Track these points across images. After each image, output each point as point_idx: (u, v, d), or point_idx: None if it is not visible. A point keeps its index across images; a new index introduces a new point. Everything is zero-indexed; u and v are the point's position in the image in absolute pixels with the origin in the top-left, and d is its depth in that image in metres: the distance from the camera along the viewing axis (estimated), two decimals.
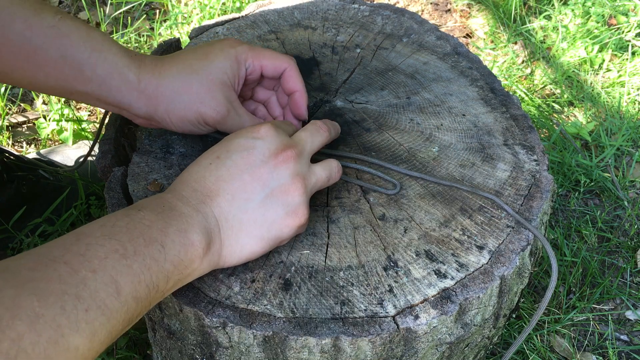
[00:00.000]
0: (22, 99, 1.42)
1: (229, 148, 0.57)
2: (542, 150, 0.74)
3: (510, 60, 1.58)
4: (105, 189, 0.67)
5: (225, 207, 0.55)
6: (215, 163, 0.56)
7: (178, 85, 0.64)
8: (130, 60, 0.64)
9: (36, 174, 1.06)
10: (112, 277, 0.44)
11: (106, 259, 0.45)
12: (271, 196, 0.56)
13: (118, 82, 0.63)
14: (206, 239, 0.53)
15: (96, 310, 0.43)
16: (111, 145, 0.73)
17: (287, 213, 0.57)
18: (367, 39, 0.91)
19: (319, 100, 0.80)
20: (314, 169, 0.60)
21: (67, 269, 0.43)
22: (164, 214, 0.51)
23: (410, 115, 0.78)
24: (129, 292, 0.45)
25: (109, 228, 0.48)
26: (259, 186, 0.55)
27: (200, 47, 0.68)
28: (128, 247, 0.47)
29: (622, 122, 1.40)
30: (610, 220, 1.21)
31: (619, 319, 1.04)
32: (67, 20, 0.62)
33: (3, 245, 1.03)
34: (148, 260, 0.47)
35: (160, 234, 0.49)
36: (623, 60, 1.56)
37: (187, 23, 1.60)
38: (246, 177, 0.55)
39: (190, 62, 0.65)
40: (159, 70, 0.65)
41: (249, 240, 0.56)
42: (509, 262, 0.61)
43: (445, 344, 0.60)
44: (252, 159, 0.56)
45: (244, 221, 0.55)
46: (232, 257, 0.56)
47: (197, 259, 0.52)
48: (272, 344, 0.56)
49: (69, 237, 0.47)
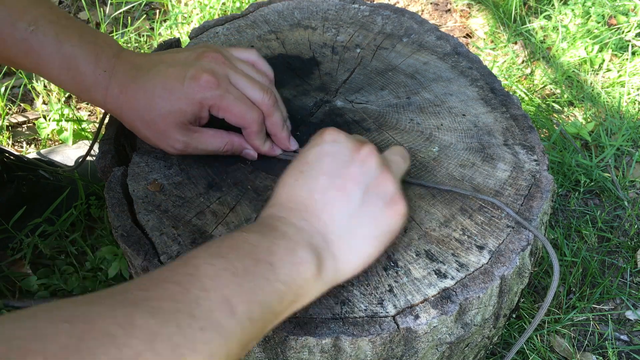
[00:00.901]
0: (22, 99, 1.42)
1: (307, 160, 0.55)
2: (542, 150, 0.74)
3: (510, 60, 1.58)
4: (105, 189, 0.67)
5: (327, 218, 0.53)
6: (302, 178, 0.54)
7: (139, 119, 0.65)
8: (101, 79, 0.64)
9: (36, 174, 1.06)
10: (224, 296, 0.43)
11: (217, 277, 0.44)
12: (367, 192, 0.54)
13: (87, 97, 0.66)
14: (316, 256, 0.50)
15: (212, 330, 0.41)
16: (111, 145, 0.73)
17: (386, 204, 0.55)
18: (367, 39, 0.91)
19: (319, 100, 0.80)
20: (388, 157, 0.60)
21: (179, 289, 0.42)
22: (268, 234, 0.50)
23: (410, 115, 0.78)
24: (243, 312, 0.43)
25: (215, 249, 0.47)
26: (354, 186, 0.54)
27: (171, 74, 0.63)
28: (237, 266, 0.45)
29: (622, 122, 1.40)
30: (610, 220, 1.21)
31: (619, 319, 1.04)
32: (39, 32, 0.63)
33: (3, 245, 1.03)
34: (259, 279, 0.46)
35: (267, 254, 0.48)
36: (623, 60, 1.56)
37: (187, 23, 1.60)
38: (338, 182, 0.54)
39: (154, 92, 0.63)
40: (124, 97, 0.64)
41: (361, 244, 0.54)
42: (509, 262, 0.61)
43: (446, 344, 0.60)
44: (336, 162, 0.54)
45: (351, 226, 0.53)
46: (349, 267, 0.54)
47: (311, 277, 0.50)
48: (272, 343, 0.56)
49: (177, 261, 0.46)
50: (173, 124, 0.64)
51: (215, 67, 0.64)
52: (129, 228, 0.63)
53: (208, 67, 0.63)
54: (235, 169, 0.70)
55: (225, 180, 0.69)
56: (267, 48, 0.88)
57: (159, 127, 0.64)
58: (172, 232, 0.63)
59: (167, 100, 0.63)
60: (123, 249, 0.63)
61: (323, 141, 0.56)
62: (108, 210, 0.65)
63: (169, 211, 0.65)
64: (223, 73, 0.64)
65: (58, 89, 1.41)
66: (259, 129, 0.66)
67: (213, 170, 0.70)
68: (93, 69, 0.64)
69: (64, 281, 1.00)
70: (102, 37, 0.67)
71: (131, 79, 0.64)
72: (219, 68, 0.64)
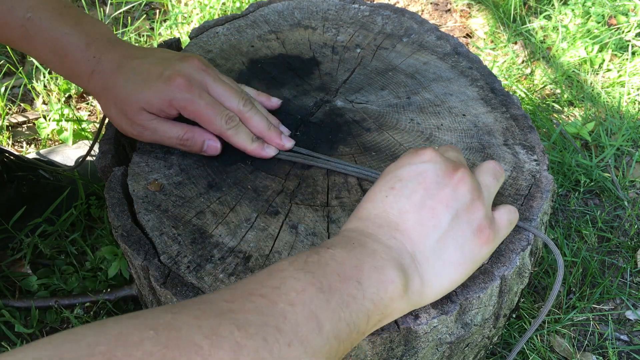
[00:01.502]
0: (22, 99, 1.42)
1: (400, 177, 0.54)
2: (542, 150, 0.74)
3: (510, 60, 1.58)
4: (105, 189, 0.67)
5: (417, 238, 0.52)
6: (392, 195, 0.53)
7: (108, 99, 0.69)
8: (89, 64, 0.68)
9: (36, 174, 1.06)
10: (311, 312, 0.42)
11: (304, 292, 0.43)
12: (457, 217, 0.53)
13: (72, 79, 0.72)
14: (404, 276, 0.49)
15: (299, 346, 0.40)
16: (111, 145, 0.73)
17: (473, 232, 0.54)
18: (367, 39, 0.91)
19: (319, 100, 0.80)
20: (481, 179, 0.59)
21: (265, 302, 0.41)
22: (355, 250, 0.49)
23: (411, 115, 0.78)
24: (330, 330, 0.42)
25: (301, 263, 0.46)
26: (445, 209, 0.53)
27: (151, 69, 0.67)
28: (323, 282, 0.44)
29: (622, 122, 1.40)
30: (610, 220, 1.21)
31: (619, 319, 1.04)
32: (35, 19, 0.68)
33: (3, 245, 1.03)
34: (345, 296, 0.44)
35: (354, 271, 0.46)
36: (623, 60, 1.56)
37: (187, 23, 1.60)
38: (430, 203, 0.53)
39: (133, 79, 0.67)
40: (108, 75, 0.68)
41: (447, 269, 0.53)
42: (509, 262, 0.61)
43: (446, 344, 0.60)
44: (429, 183, 0.53)
45: (438, 250, 0.52)
46: (432, 290, 0.53)
47: (397, 297, 0.48)
48: None
49: (261, 273, 0.45)
50: (137, 108, 0.67)
51: (192, 72, 0.67)
52: (129, 228, 0.63)
53: (185, 72, 0.66)
54: (235, 169, 0.70)
55: (225, 180, 0.69)
56: (267, 48, 0.88)
57: (125, 108, 0.67)
58: (172, 232, 0.63)
59: (139, 89, 0.66)
60: (123, 249, 0.63)
61: (419, 160, 0.55)
62: (108, 210, 0.65)
63: (169, 211, 0.65)
64: (199, 79, 0.67)
65: (58, 89, 1.41)
66: (234, 132, 0.68)
67: (213, 170, 0.70)
68: (82, 54, 0.68)
69: (64, 281, 1.00)
70: (98, 26, 0.71)
71: (117, 66, 0.68)
72: (196, 74, 0.67)
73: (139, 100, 0.66)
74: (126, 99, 0.67)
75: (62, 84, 1.41)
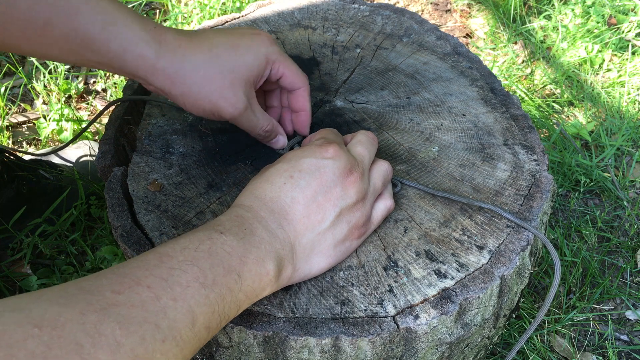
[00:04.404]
0: (22, 99, 1.42)
1: (301, 168, 0.56)
2: (542, 150, 0.74)
3: (510, 60, 1.58)
4: (105, 189, 0.67)
5: (301, 231, 0.55)
6: (290, 183, 0.55)
7: (200, 75, 0.62)
8: (148, 35, 0.60)
9: (36, 174, 1.06)
10: (190, 308, 0.44)
11: (187, 287, 0.44)
12: (340, 215, 0.57)
13: (133, 57, 0.60)
14: (279, 267, 0.52)
15: (172, 341, 0.42)
16: (111, 145, 0.73)
17: (350, 229, 0.58)
18: (367, 39, 0.91)
19: (319, 100, 0.80)
20: (372, 181, 0.61)
21: (150, 295, 0.42)
22: (245, 239, 0.51)
23: (410, 115, 0.78)
24: (202, 323, 0.45)
25: (192, 252, 0.47)
26: (331, 207, 0.56)
27: (230, 35, 0.65)
28: (208, 276, 0.46)
29: (622, 122, 1.40)
30: (610, 220, 1.21)
31: (619, 319, 1.04)
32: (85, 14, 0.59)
33: (3, 245, 1.03)
34: (224, 290, 0.47)
35: (239, 264, 0.49)
36: (623, 60, 1.56)
37: (187, 23, 1.60)
38: (320, 199, 0.56)
39: (217, 51, 0.62)
40: (182, 52, 0.61)
41: (318, 259, 0.57)
42: (509, 262, 0.61)
43: (445, 344, 0.60)
44: (324, 180, 0.56)
45: (316, 242, 0.56)
46: (300, 276, 0.57)
47: (268, 286, 0.52)
48: (272, 344, 0.56)
49: (150, 256, 0.46)
50: (239, 80, 0.63)
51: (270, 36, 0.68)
52: (129, 228, 0.63)
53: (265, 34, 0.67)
54: (235, 169, 0.70)
55: (225, 180, 0.69)
56: None
57: (223, 83, 0.63)
58: (172, 232, 0.63)
59: (232, 54, 0.63)
60: (123, 249, 0.63)
61: (322, 155, 0.57)
62: (108, 210, 0.65)
63: (169, 211, 0.65)
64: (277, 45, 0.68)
65: (58, 89, 1.41)
66: (309, 88, 0.69)
67: (213, 171, 0.70)
68: (141, 22, 0.60)
69: (64, 281, 1.00)
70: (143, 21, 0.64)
71: (186, 37, 0.62)
72: None
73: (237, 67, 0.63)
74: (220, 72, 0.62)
75: (62, 84, 1.41)
